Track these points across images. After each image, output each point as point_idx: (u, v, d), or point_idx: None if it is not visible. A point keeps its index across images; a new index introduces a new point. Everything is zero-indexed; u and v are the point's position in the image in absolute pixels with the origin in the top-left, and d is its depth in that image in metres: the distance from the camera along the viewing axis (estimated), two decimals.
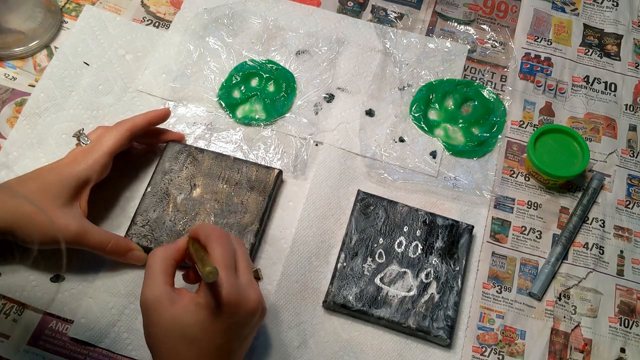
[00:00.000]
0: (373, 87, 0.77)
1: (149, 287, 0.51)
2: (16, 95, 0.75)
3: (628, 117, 0.78)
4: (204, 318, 0.50)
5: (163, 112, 0.69)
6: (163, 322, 0.50)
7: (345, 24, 0.82)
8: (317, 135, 0.74)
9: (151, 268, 0.52)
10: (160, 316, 0.50)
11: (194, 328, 0.50)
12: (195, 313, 0.50)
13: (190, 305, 0.50)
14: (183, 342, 0.50)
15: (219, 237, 0.52)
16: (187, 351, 0.50)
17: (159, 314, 0.50)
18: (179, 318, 0.50)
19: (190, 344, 0.50)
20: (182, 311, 0.50)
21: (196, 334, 0.50)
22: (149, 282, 0.52)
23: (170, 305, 0.50)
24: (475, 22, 0.84)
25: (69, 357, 0.61)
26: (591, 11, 0.86)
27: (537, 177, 0.72)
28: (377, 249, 0.65)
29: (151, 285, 0.51)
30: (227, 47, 0.79)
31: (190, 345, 0.50)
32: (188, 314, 0.50)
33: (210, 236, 0.52)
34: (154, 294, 0.51)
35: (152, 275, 0.52)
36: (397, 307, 0.62)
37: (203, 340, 0.50)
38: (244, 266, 0.53)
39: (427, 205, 0.70)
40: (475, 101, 0.77)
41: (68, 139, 0.72)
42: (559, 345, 0.64)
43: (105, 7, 0.82)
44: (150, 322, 0.51)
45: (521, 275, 0.67)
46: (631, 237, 0.70)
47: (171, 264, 0.53)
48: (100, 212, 0.67)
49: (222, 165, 0.69)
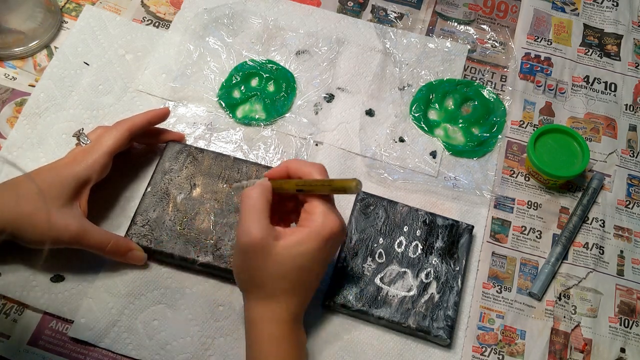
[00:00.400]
0: (373, 87, 0.77)
1: (255, 226, 0.52)
2: (16, 95, 0.75)
3: (628, 117, 0.78)
4: (312, 246, 0.53)
5: (163, 112, 0.69)
6: (271, 257, 0.53)
7: (345, 24, 0.82)
8: (317, 135, 0.74)
9: (253, 207, 0.53)
10: (269, 253, 0.52)
11: (303, 258, 0.53)
12: (303, 243, 0.53)
13: (301, 236, 0.53)
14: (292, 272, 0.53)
15: (321, 169, 0.55)
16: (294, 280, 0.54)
17: (267, 251, 0.52)
18: (289, 251, 0.53)
19: (298, 273, 0.54)
20: (293, 243, 0.53)
21: (304, 263, 0.54)
22: (254, 221, 0.53)
23: (276, 241, 0.53)
24: (475, 22, 0.84)
25: (69, 357, 0.61)
26: (591, 11, 0.86)
27: (537, 177, 0.72)
28: (377, 248, 0.65)
29: (257, 224, 0.52)
30: (227, 47, 0.79)
31: (298, 274, 0.54)
32: (299, 246, 0.53)
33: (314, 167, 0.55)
34: (261, 232, 0.52)
35: (256, 214, 0.53)
36: (397, 307, 0.62)
37: (309, 268, 0.54)
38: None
39: (427, 205, 0.70)
40: (475, 101, 0.77)
41: (68, 139, 0.72)
42: (559, 345, 0.64)
43: (105, 7, 0.82)
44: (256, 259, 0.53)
45: (521, 275, 0.67)
46: (631, 237, 0.70)
47: (269, 202, 0.55)
48: (100, 212, 0.67)
49: (222, 165, 0.69)
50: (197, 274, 0.65)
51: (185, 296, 0.64)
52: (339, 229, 0.54)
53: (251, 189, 0.55)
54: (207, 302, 0.63)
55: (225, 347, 0.61)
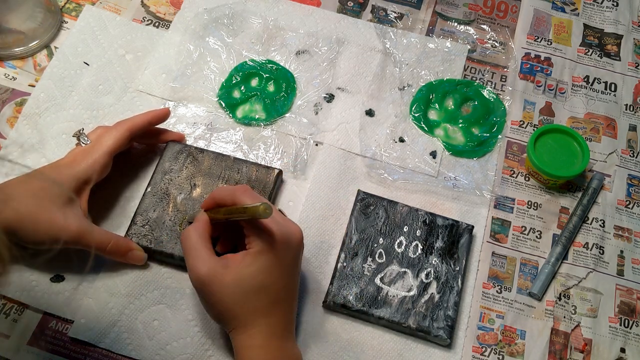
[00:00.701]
0: (373, 87, 0.77)
1: (198, 264, 0.53)
2: (16, 95, 0.75)
3: (628, 117, 0.78)
4: (264, 264, 0.53)
5: (163, 112, 0.69)
6: (227, 286, 0.53)
7: (345, 24, 0.82)
8: (317, 135, 0.74)
9: (192, 247, 0.54)
10: (221, 283, 0.53)
11: (258, 277, 0.53)
12: (254, 263, 0.53)
13: (247, 258, 0.53)
14: (253, 294, 0.53)
15: (244, 190, 0.55)
16: (258, 301, 0.53)
17: (219, 282, 0.53)
18: (241, 274, 0.53)
19: (259, 293, 0.53)
20: (241, 268, 0.53)
21: (262, 282, 0.53)
22: (196, 260, 0.54)
23: (225, 270, 0.53)
24: (475, 22, 0.84)
25: (69, 357, 0.61)
26: (591, 11, 0.86)
27: (537, 177, 0.72)
28: (377, 249, 0.65)
29: (200, 261, 0.53)
30: (227, 47, 0.79)
31: (259, 295, 0.53)
32: (248, 267, 0.53)
33: (236, 192, 0.55)
34: (206, 268, 0.53)
35: (195, 253, 0.54)
36: (397, 307, 0.62)
37: (269, 285, 0.54)
38: None
39: (427, 205, 0.70)
40: (475, 101, 0.77)
41: (68, 139, 0.72)
42: (559, 345, 0.64)
43: (105, 7, 0.82)
44: (212, 293, 0.53)
45: (521, 275, 0.67)
46: (631, 237, 0.70)
47: (207, 238, 0.56)
48: (100, 212, 0.67)
49: (222, 165, 0.69)
50: None
51: (185, 296, 0.64)
52: (281, 239, 0.53)
53: (187, 229, 0.56)
54: None
55: (225, 348, 0.61)
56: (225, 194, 0.56)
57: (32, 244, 0.59)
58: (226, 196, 0.56)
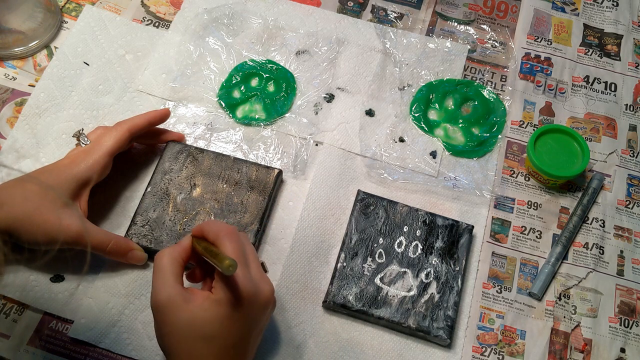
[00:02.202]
0: (373, 87, 0.77)
1: (161, 288, 0.51)
2: (16, 95, 0.75)
3: (628, 117, 0.78)
4: (222, 314, 0.50)
5: (163, 113, 0.69)
6: (179, 321, 0.50)
7: (345, 24, 0.82)
8: (317, 135, 0.74)
9: (160, 269, 0.52)
10: (176, 316, 0.50)
11: (211, 325, 0.50)
12: (212, 310, 0.50)
13: (206, 302, 0.50)
14: (201, 340, 0.50)
15: (229, 233, 0.52)
16: (205, 349, 0.50)
17: (174, 314, 0.50)
18: (196, 316, 0.50)
19: (209, 342, 0.50)
20: (199, 309, 0.50)
21: (214, 331, 0.50)
22: (160, 283, 0.51)
23: (184, 304, 0.50)
24: (475, 22, 0.84)
25: (69, 357, 0.61)
26: (591, 11, 0.86)
27: (537, 177, 0.72)
28: (377, 249, 0.65)
29: (163, 286, 0.51)
30: (227, 47, 0.79)
31: (208, 343, 0.50)
32: (205, 312, 0.50)
33: (220, 232, 0.52)
34: (167, 294, 0.50)
35: (162, 276, 0.51)
36: (397, 307, 0.62)
37: (221, 337, 0.50)
38: (253, 259, 0.54)
39: (427, 205, 0.70)
40: (475, 101, 0.77)
41: (68, 139, 0.72)
42: (559, 345, 0.64)
43: (105, 7, 0.82)
44: (164, 323, 0.50)
45: (521, 275, 0.67)
46: (631, 237, 0.70)
47: (179, 264, 0.53)
48: (100, 212, 0.67)
49: (222, 165, 0.69)
50: None
51: None
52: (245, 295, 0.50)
53: (164, 250, 0.53)
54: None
55: None
56: (211, 229, 0.53)
57: (32, 244, 0.59)
58: (211, 231, 0.53)
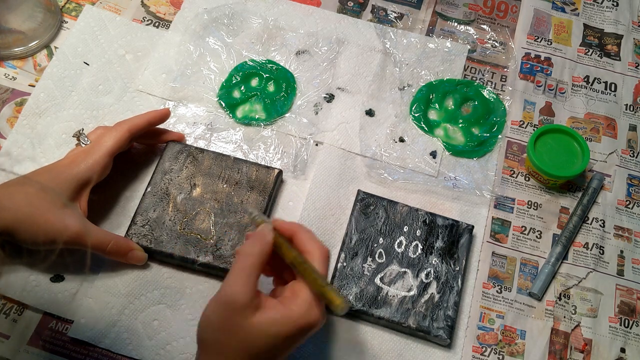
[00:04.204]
0: (373, 87, 0.77)
1: (241, 289, 0.48)
2: (16, 95, 0.75)
3: (628, 117, 0.78)
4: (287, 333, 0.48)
5: (163, 113, 0.69)
6: (243, 328, 0.48)
7: (345, 24, 0.82)
8: (317, 135, 0.74)
9: (246, 267, 0.49)
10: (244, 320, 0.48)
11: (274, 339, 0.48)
12: (279, 326, 0.48)
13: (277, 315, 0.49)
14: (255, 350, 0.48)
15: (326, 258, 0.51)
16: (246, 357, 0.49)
17: (242, 317, 0.48)
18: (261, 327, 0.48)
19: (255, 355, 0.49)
20: (268, 321, 0.48)
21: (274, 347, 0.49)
22: (243, 283, 0.48)
23: (254, 311, 0.48)
24: (475, 22, 0.84)
25: (69, 357, 0.61)
26: (591, 11, 0.86)
27: (537, 177, 0.72)
28: (377, 248, 0.65)
29: (244, 287, 0.48)
30: (227, 47, 0.79)
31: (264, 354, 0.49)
32: (271, 327, 0.48)
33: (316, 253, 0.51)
34: (246, 295, 0.48)
35: (247, 275, 0.49)
36: (397, 307, 0.62)
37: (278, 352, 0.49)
38: None
39: (427, 205, 0.70)
40: (475, 101, 0.77)
41: (68, 139, 0.72)
42: (559, 345, 0.64)
43: (105, 7, 0.82)
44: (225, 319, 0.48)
45: (521, 275, 0.67)
46: (631, 237, 0.70)
47: (264, 262, 0.51)
48: (100, 212, 0.67)
49: (222, 165, 0.69)
50: (197, 274, 0.65)
51: (185, 296, 0.64)
52: (317, 323, 0.50)
53: (251, 246, 0.51)
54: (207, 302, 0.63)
55: None
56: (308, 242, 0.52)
57: (32, 244, 0.59)
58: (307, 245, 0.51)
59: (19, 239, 0.58)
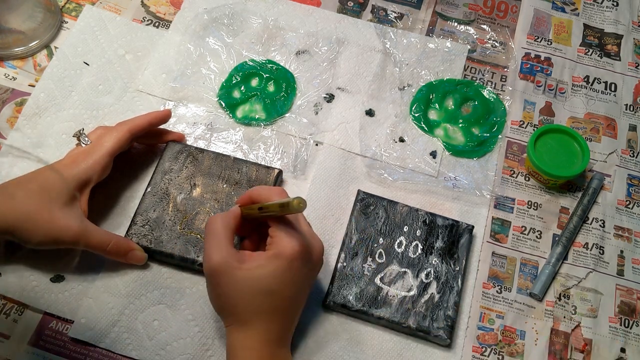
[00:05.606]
0: (373, 87, 0.77)
1: (216, 252, 0.53)
2: (16, 95, 0.75)
3: (628, 117, 0.78)
4: (279, 268, 0.53)
5: (164, 114, 0.69)
6: (234, 281, 0.53)
7: (345, 24, 0.82)
8: (317, 135, 0.74)
9: (214, 233, 0.54)
10: (232, 276, 0.52)
11: (269, 279, 0.53)
12: (269, 265, 0.53)
13: (262, 260, 0.53)
14: (260, 294, 0.53)
15: (281, 193, 0.56)
16: (265, 303, 0.53)
17: (229, 275, 0.52)
18: (253, 273, 0.53)
19: (268, 296, 0.53)
20: (255, 266, 0.53)
21: (273, 285, 0.53)
22: (214, 247, 0.53)
23: (239, 264, 0.52)
24: (475, 22, 0.84)
25: (69, 357, 0.61)
26: (591, 11, 0.86)
27: (537, 177, 0.72)
28: (377, 249, 0.65)
29: (217, 250, 0.53)
30: (227, 47, 0.79)
31: (268, 297, 0.53)
32: (262, 268, 0.53)
33: (273, 191, 0.55)
34: (222, 257, 0.53)
35: (216, 240, 0.54)
36: (397, 307, 0.62)
37: (279, 289, 0.53)
38: (302, 218, 0.57)
39: (427, 205, 0.70)
40: (475, 101, 0.77)
41: (68, 139, 0.72)
42: (559, 345, 0.64)
43: (105, 7, 0.82)
44: (219, 285, 0.53)
45: (521, 275, 0.67)
46: (631, 237, 0.70)
47: (231, 229, 0.55)
48: (100, 212, 0.67)
49: (222, 165, 0.69)
50: (197, 274, 0.65)
51: (185, 296, 0.64)
52: (301, 248, 0.53)
53: (215, 215, 0.56)
54: (207, 302, 0.63)
55: (225, 348, 0.61)
56: (262, 191, 0.56)
57: (33, 244, 0.59)
58: (262, 193, 0.56)
59: (19, 238, 0.58)
